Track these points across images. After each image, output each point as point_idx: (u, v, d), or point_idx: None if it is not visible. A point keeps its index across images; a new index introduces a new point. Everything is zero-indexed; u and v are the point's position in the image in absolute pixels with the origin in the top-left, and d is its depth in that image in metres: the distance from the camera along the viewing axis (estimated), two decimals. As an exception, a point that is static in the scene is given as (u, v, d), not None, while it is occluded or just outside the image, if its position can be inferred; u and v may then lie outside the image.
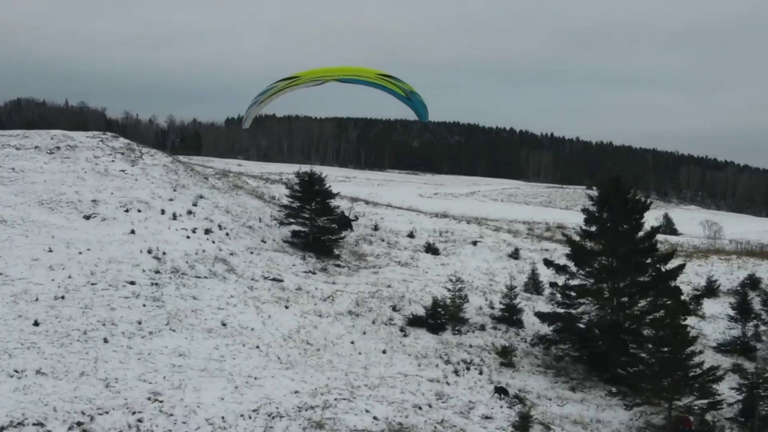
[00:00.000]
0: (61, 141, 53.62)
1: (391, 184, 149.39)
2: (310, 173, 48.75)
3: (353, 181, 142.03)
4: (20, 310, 29.93)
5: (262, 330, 33.43)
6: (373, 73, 28.98)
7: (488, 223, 67.92)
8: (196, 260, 39.54)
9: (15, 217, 40.04)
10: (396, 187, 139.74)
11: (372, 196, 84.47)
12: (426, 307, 39.29)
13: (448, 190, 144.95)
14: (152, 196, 46.87)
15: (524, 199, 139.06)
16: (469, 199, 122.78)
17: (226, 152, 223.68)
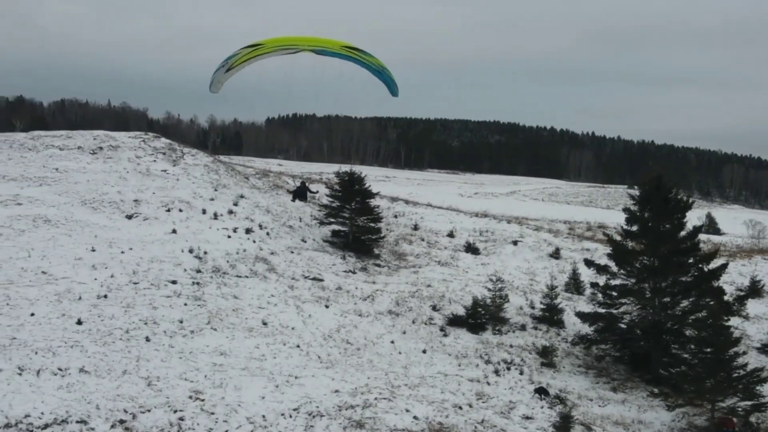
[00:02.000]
0: (103, 141, 54.18)
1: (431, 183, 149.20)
2: (350, 173, 48.81)
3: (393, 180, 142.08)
4: (64, 309, 30.24)
5: (303, 329, 33.53)
6: (338, 45, 28.88)
7: (529, 223, 67.63)
8: (237, 259, 39.75)
9: (59, 217, 40.50)
10: (436, 186, 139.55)
11: (412, 196, 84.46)
12: (466, 306, 39.19)
13: (488, 189, 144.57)
14: (193, 196, 47.21)
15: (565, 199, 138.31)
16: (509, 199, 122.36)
17: (266, 152, 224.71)
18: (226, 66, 28.37)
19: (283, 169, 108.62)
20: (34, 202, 41.98)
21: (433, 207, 70.36)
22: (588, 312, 37.95)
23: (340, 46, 28.42)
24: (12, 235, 37.36)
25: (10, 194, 42.61)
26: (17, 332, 27.66)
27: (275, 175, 72.67)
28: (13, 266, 33.76)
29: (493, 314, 39.02)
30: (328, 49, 28.50)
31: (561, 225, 70.97)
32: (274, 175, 71.82)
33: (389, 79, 29.55)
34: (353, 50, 28.68)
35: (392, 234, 53.12)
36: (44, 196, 43.14)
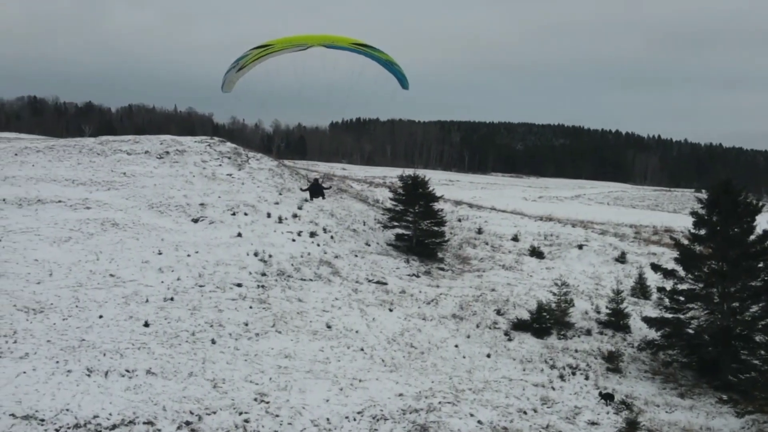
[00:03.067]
0: (170, 146, 54.87)
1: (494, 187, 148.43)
2: (413, 176, 48.81)
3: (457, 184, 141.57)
4: (131, 312, 30.66)
5: (367, 332, 33.57)
6: (347, 41, 28.74)
7: (594, 227, 66.91)
8: (301, 263, 39.97)
9: (126, 221, 41.08)
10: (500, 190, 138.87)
11: (476, 200, 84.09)
12: (531, 311, 38.92)
13: (552, 193, 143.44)
14: (258, 200, 47.59)
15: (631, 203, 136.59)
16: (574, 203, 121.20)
17: (330, 156, 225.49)
18: (237, 66, 28.50)
19: (346, 173, 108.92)
20: (102, 206, 42.65)
21: (497, 211, 70.03)
22: (655, 317, 37.37)
23: (349, 43, 28.41)
24: (81, 239, 38.01)
25: (79, 198, 43.35)
26: (86, 334, 28.10)
27: (339, 179, 72.94)
28: (82, 269, 34.35)
29: (558, 319, 38.70)
30: (339, 45, 28.50)
31: (627, 229, 70.04)
32: (338, 179, 72.08)
33: (399, 73, 29.53)
34: (363, 46, 28.67)
35: (456, 238, 52.96)
36: (112, 200, 43.81)
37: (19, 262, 34.16)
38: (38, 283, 32.16)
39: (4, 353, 25.56)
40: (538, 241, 56.23)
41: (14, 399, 22.45)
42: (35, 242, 36.89)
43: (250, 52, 27.99)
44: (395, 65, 29.22)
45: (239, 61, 28.22)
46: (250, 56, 27.94)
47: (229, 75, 29.12)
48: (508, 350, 35.10)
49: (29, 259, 34.73)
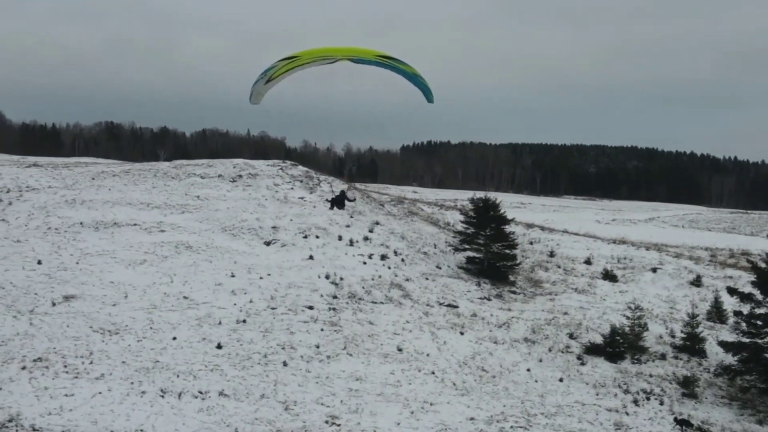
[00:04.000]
0: (243, 169, 55.51)
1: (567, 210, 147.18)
2: (484, 199, 48.68)
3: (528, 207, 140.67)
4: (204, 333, 30.97)
5: (438, 356, 33.44)
6: (372, 53, 28.51)
7: (668, 250, 65.97)
8: (372, 286, 40.04)
9: (200, 244, 41.60)
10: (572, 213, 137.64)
11: (548, 222, 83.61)
12: (604, 335, 38.43)
13: (626, 216, 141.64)
14: (330, 223, 47.85)
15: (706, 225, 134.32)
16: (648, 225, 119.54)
17: (401, 179, 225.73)
18: (266, 77, 28.46)
19: (417, 196, 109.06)
20: (176, 229, 43.26)
21: (570, 233, 69.47)
22: (731, 341, 36.62)
23: (374, 55, 28.28)
24: (156, 261, 38.57)
25: (154, 221, 44.02)
26: (160, 355, 28.44)
27: (410, 202, 73.03)
28: (156, 291, 34.83)
29: (632, 343, 38.14)
30: (364, 58, 28.37)
31: (702, 252, 68.95)
32: (409, 202, 72.20)
33: (423, 86, 29.33)
34: (388, 59, 28.53)
35: (528, 261, 52.63)
36: (186, 223, 44.41)
37: (95, 285, 34.79)
38: (114, 305, 32.68)
39: (81, 374, 25.98)
40: (611, 264, 55.58)
41: (90, 419, 22.79)
42: (111, 265, 37.54)
43: (278, 64, 28.02)
44: (420, 78, 29.12)
45: (267, 72, 28.27)
46: (278, 67, 28.00)
47: (257, 86, 29.15)
48: (581, 374, 34.68)
49: (105, 281, 35.34)
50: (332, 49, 28.63)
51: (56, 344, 28.27)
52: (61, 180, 51.12)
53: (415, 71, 29.01)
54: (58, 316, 30.87)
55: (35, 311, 31.15)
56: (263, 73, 28.56)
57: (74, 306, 32.22)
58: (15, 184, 48.62)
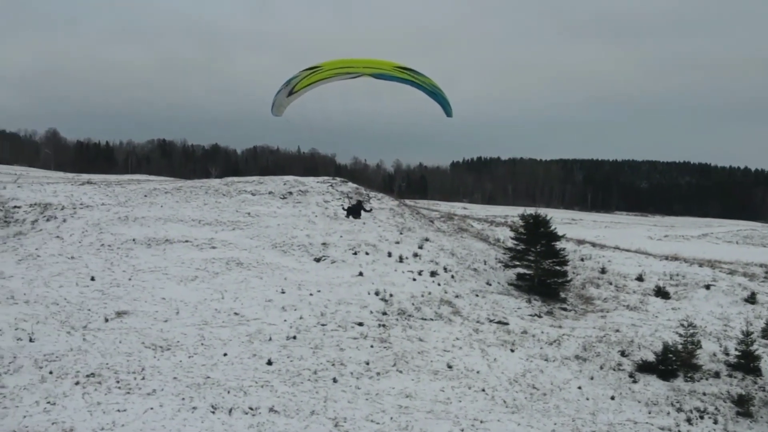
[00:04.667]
0: (293, 186, 55.81)
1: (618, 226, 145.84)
2: (534, 215, 48.48)
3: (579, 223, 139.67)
4: (255, 350, 31.13)
5: (488, 373, 33.29)
6: (389, 65, 28.42)
7: (722, 266, 65.05)
8: (422, 302, 40.00)
9: (251, 260, 41.88)
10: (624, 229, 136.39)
11: (599, 239, 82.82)
12: (656, 352, 38.01)
13: (678, 232, 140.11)
14: (379, 239, 47.93)
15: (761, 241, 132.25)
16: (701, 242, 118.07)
17: (451, 195, 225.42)
18: (289, 88, 28.48)
19: (467, 212, 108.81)
20: (227, 246, 43.60)
21: (621, 250, 68.77)
22: (788, 359, 36.11)
23: (391, 67, 28.25)
24: (207, 278, 38.88)
25: (205, 238, 44.39)
26: (211, 371, 28.62)
27: (460, 218, 72.83)
28: (207, 308, 35.10)
29: (685, 360, 37.68)
30: (385, 73, 28.34)
31: (757, 268, 67.88)
32: (458, 218, 71.99)
33: (443, 100, 29.22)
34: (407, 71, 28.48)
35: (579, 277, 52.23)
36: (237, 240, 44.74)
37: (147, 301, 35.16)
38: (165, 321, 32.99)
39: (133, 389, 26.21)
40: (663, 280, 54.96)
41: (142, 434, 22.98)
42: (163, 281, 37.92)
43: (301, 74, 28.16)
44: (438, 90, 29.08)
45: (290, 82, 28.40)
46: (300, 78, 28.13)
47: (280, 97, 29.23)
48: (632, 392, 34.33)
49: (157, 297, 35.71)
50: (352, 60, 28.79)
51: (109, 360, 28.56)
52: (114, 197, 51.74)
53: (434, 83, 29.05)
54: (110, 332, 31.21)
55: (88, 327, 31.52)
56: (286, 83, 28.73)
57: (127, 322, 32.56)
58: (69, 201, 49.30)
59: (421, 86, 28.76)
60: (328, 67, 28.33)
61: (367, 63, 28.55)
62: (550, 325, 42.01)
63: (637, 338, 41.55)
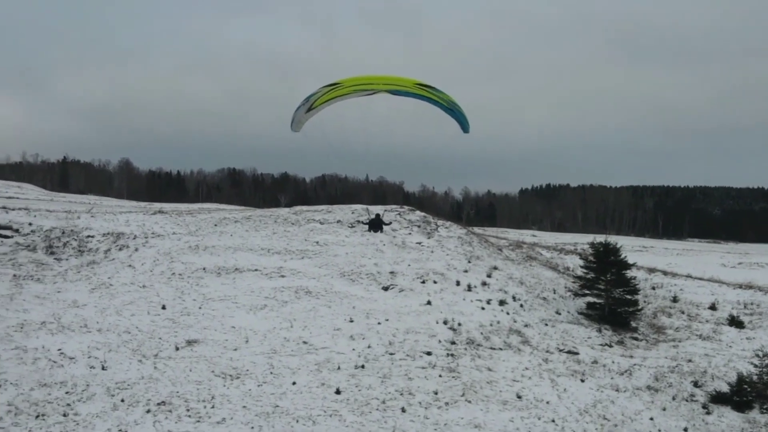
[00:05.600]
0: (361, 215, 56.00)
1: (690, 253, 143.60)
2: (604, 244, 47.98)
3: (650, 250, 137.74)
4: (323, 379, 31.23)
5: (558, 403, 32.95)
6: (411, 82, 28.23)
7: (798, 294, 63.72)
8: (490, 331, 39.79)
9: (319, 289, 42.09)
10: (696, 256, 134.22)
11: (670, 267, 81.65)
12: (730, 383, 37.28)
13: (753, 259, 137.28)
14: (447, 268, 47.85)
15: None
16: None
17: (520, 223, 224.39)
18: (308, 104, 28.54)
19: (536, 239, 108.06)
20: (296, 275, 43.88)
21: (693, 278, 67.71)
22: None
23: (412, 84, 28.16)
24: (276, 306, 39.16)
25: (274, 267, 44.75)
26: (280, 400, 28.76)
27: (528, 246, 72.39)
28: (276, 336, 35.35)
29: (761, 392, 36.86)
30: (403, 89, 28.27)
31: (835, 297, 66.31)
32: (527, 246, 71.57)
33: (461, 116, 29.07)
34: (426, 87, 28.38)
35: (650, 306, 51.49)
36: (306, 269, 45.02)
37: (217, 329, 35.52)
38: (235, 350, 33.28)
39: (203, 418, 26.45)
40: (737, 309, 53.94)
41: (211, 463, 23.14)
42: (233, 310, 38.29)
43: (320, 90, 28.31)
44: (457, 106, 29.00)
45: (310, 98, 28.55)
46: (319, 95, 28.27)
47: (299, 113, 29.39)
48: (706, 424, 33.70)
49: (227, 326, 36.06)
50: (373, 77, 28.90)
51: (179, 388, 28.88)
52: (185, 226, 52.42)
53: (452, 99, 29.04)
54: (181, 361, 31.57)
55: (159, 355, 31.92)
56: (306, 100, 28.95)
57: (197, 350, 32.92)
58: (141, 230, 50.06)
59: (438, 102, 28.84)
60: (347, 83, 28.52)
61: (387, 80, 28.70)
62: (621, 355, 41.47)
63: (710, 368, 40.81)
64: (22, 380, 28.24)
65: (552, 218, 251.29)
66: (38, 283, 40.31)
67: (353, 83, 28.55)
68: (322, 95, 28.45)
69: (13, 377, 28.39)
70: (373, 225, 48.16)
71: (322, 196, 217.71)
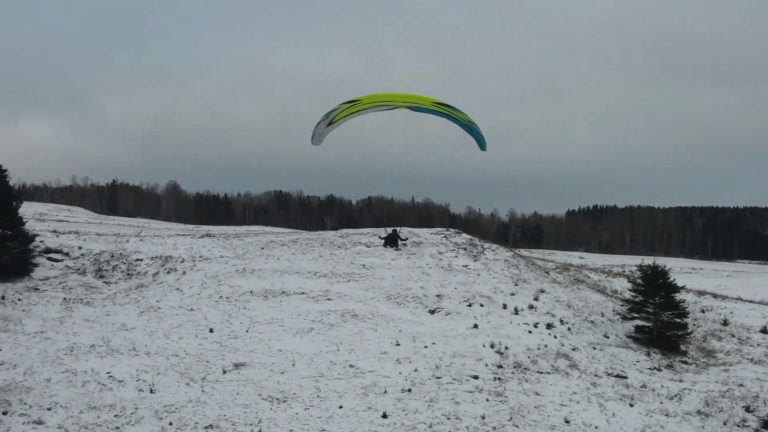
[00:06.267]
0: (407, 238, 56.09)
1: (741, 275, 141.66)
2: (653, 266, 47.60)
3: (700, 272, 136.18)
4: (370, 402, 31.20)
5: (606, 428, 32.63)
6: (429, 101, 28.18)
7: None
8: (538, 355, 39.58)
9: (365, 312, 42.17)
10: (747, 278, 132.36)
11: (720, 289, 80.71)
12: (784, 408, 36.77)
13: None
14: (494, 291, 47.73)
15: None
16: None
17: (567, 244, 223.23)
18: (328, 120, 28.75)
19: (584, 261, 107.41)
20: (342, 298, 44.02)
21: (744, 301, 66.90)
22: None
23: (431, 102, 28.17)
24: (322, 330, 39.29)
25: (321, 290, 44.93)
26: (326, 424, 28.78)
27: (576, 268, 72.00)
28: (323, 360, 35.43)
29: (815, 417, 36.32)
30: (422, 106, 28.28)
31: None
32: (574, 268, 71.19)
33: (478, 134, 29.14)
34: (444, 106, 28.40)
35: (699, 329, 50.93)
36: (352, 292, 45.14)
37: (264, 352, 35.70)
38: (282, 373, 33.40)
39: (250, 442, 26.53)
40: (790, 332, 53.22)
41: (259, 487, 23.20)
42: (279, 333, 38.49)
43: (340, 107, 28.50)
44: (474, 126, 29.04)
45: (330, 114, 28.75)
46: (339, 111, 28.45)
47: (319, 128, 29.68)
48: (759, 450, 33.22)
49: (274, 349, 36.23)
50: (392, 95, 29.05)
51: (227, 411, 29.02)
52: (232, 250, 52.85)
53: (470, 119, 29.17)
54: (228, 384, 31.74)
55: (207, 379, 32.13)
56: (325, 116, 29.22)
57: (244, 374, 33.09)
58: (189, 254, 50.54)
59: (456, 120, 28.94)
60: (366, 100, 28.74)
61: (405, 98, 28.86)
62: (671, 379, 41.02)
63: (762, 393, 40.22)
64: (71, 403, 28.54)
65: (599, 240, 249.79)
66: (88, 306, 40.81)
67: (372, 100, 28.83)
68: (341, 111, 28.79)
69: (63, 400, 28.70)
70: (389, 240, 48.45)
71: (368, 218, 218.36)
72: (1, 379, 29.99)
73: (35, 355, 32.95)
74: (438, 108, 28.76)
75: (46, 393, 29.21)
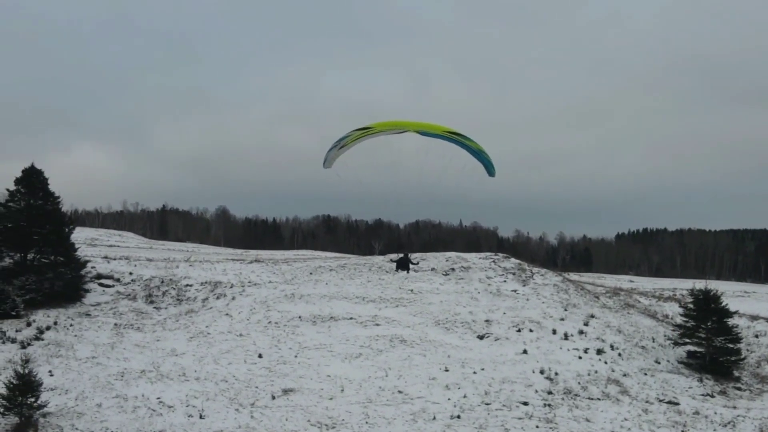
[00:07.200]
0: (455, 263, 55.99)
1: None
2: (704, 291, 47.01)
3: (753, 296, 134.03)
4: (419, 429, 31.11)
5: (658, 456, 32.26)
6: (441, 129, 28.19)
7: None
8: (588, 381, 39.21)
9: (414, 337, 42.08)
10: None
11: (774, 313, 79.57)
12: (840, 436, 36.06)
13: None
14: (543, 316, 47.43)
15: None
16: None
17: (616, 268, 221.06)
18: (340, 144, 29.02)
19: (634, 285, 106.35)
20: (391, 323, 43.98)
21: (799, 325, 65.85)
22: None
23: (444, 131, 28.32)
24: (371, 355, 39.25)
25: (369, 315, 44.93)
26: (376, 451, 28.73)
27: (626, 293, 71.32)
28: (371, 385, 35.37)
29: None
30: (431, 132, 28.48)
31: None
32: (624, 293, 70.52)
33: (487, 161, 29.11)
34: (455, 134, 28.48)
35: (753, 355, 50.14)
36: (400, 317, 45.09)
37: (312, 378, 35.74)
38: (331, 399, 33.41)
39: (299, 468, 26.54)
40: None
41: None
42: (328, 358, 38.51)
43: (352, 133, 28.82)
44: (484, 154, 29.12)
45: (342, 140, 29.06)
46: (352, 137, 28.78)
47: (331, 153, 30.00)
48: (815, 479, 32.60)
49: (322, 374, 36.25)
50: (404, 122, 29.23)
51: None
52: (281, 275, 53.06)
53: (479, 147, 29.22)
54: (277, 410, 31.82)
55: (256, 404, 32.23)
56: (337, 141, 29.49)
57: (293, 399, 33.15)
58: (238, 279, 50.84)
59: (465, 145, 29.06)
60: (378, 128, 29.01)
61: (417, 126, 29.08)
62: (724, 406, 40.40)
63: (818, 420, 39.53)
64: (122, 428, 28.79)
65: (649, 263, 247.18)
66: (138, 331, 41.18)
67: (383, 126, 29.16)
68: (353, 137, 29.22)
69: (114, 425, 28.95)
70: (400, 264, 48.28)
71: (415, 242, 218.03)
72: (54, 404, 30.33)
73: (87, 380, 33.32)
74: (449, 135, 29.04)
75: (98, 418, 29.51)
